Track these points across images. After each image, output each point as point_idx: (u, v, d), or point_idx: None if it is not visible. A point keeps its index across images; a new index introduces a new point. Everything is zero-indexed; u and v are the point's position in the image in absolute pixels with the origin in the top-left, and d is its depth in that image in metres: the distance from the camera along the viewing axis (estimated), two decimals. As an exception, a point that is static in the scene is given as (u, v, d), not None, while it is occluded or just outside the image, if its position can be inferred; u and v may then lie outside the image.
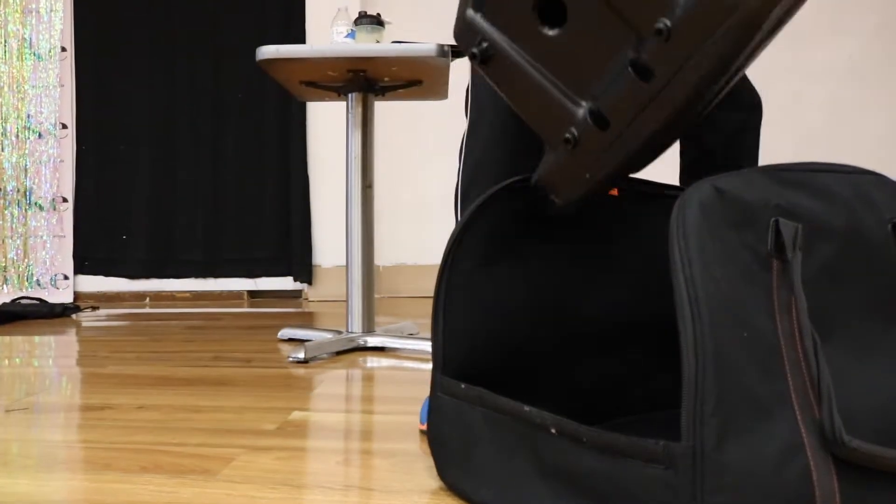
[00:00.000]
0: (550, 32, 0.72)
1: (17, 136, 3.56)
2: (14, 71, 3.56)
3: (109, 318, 2.87)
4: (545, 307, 0.90)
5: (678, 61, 0.64)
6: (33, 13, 3.56)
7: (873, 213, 0.72)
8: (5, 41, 3.57)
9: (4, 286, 3.52)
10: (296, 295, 3.57)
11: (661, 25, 0.63)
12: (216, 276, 3.56)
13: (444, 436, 0.84)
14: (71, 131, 3.56)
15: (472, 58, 0.79)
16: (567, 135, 0.74)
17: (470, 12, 0.79)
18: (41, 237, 3.55)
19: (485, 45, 0.77)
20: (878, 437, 0.61)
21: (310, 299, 3.51)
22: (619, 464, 0.63)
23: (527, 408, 0.72)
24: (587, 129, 0.72)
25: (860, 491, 0.60)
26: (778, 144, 3.36)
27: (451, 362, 0.83)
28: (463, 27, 0.80)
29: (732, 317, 0.60)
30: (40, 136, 3.56)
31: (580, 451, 0.66)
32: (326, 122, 3.46)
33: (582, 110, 0.73)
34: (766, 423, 0.59)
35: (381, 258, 3.47)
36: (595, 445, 0.65)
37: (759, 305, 0.62)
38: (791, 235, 0.64)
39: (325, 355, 1.78)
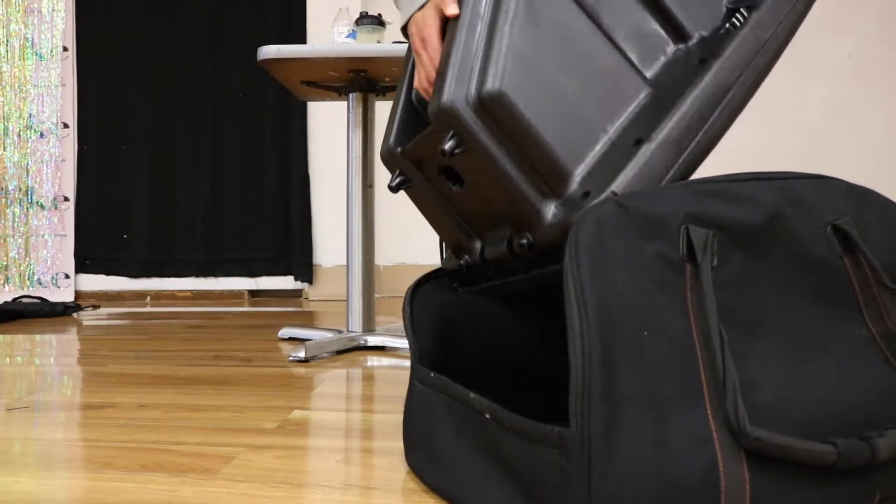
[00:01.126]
0: (454, 188, 0.83)
1: (19, 136, 3.57)
2: (16, 70, 3.57)
3: (110, 317, 2.87)
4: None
5: (534, 265, 0.77)
6: (35, 13, 3.56)
7: (808, 215, 0.72)
8: (7, 40, 3.57)
9: (6, 285, 3.53)
10: (296, 294, 3.58)
11: (524, 241, 0.75)
12: (217, 275, 3.57)
13: (412, 421, 0.89)
14: (72, 131, 3.57)
15: (389, 187, 0.91)
16: (462, 261, 0.89)
17: (391, 145, 0.90)
18: (42, 236, 3.55)
19: (400, 178, 0.90)
20: (807, 432, 0.63)
21: (310, 299, 3.51)
22: (531, 448, 0.66)
23: (472, 395, 0.76)
24: (476, 262, 0.86)
25: (774, 484, 0.62)
26: (778, 144, 3.37)
27: (425, 353, 0.91)
28: (386, 154, 0.91)
29: (629, 317, 0.62)
30: (42, 135, 3.56)
31: (506, 434, 0.70)
32: (327, 122, 3.47)
33: (476, 246, 0.86)
34: (668, 415, 0.61)
35: (382, 258, 3.47)
36: (514, 430, 0.68)
37: (671, 308, 0.64)
38: (701, 240, 0.66)
39: (325, 354, 1.78)
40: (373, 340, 1.90)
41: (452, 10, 0.82)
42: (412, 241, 3.50)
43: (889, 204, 0.77)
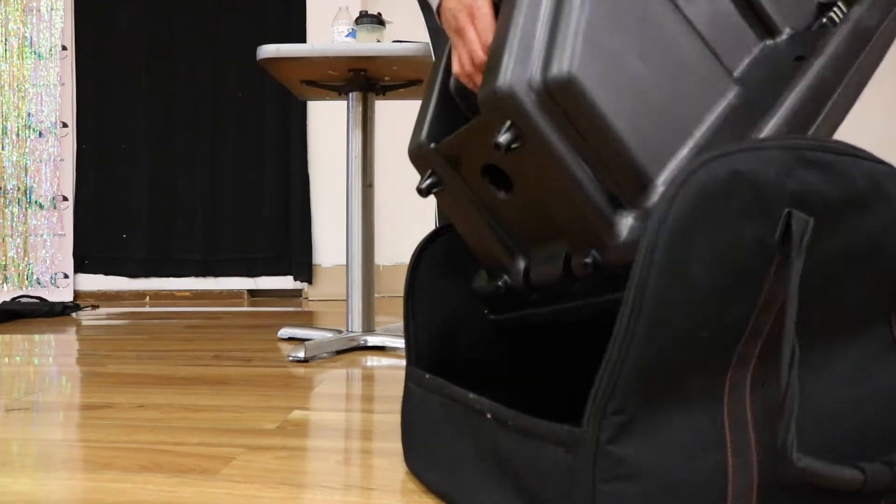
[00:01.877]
0: (500, 194, 0.72)
1: (18, 135, 3.56)
2: (15, 69, 3.56)
3: (109, 316, 2.87)
4: None
5: (594, 291, 0.68)
6: (34, 12, 3.55)
7: (885, 209, 0.66)
8: (6, 40, 3.57)
9: (4, 285, 3.52)
10: (296, 294, 3.57)
11: (588, 261, 0.66)
12: (216, 275, 3.56)
13: (410, 423, 0.88)
14: (71, 130, 3.56)
15: (418, 189, 0.80)
16: (500, 282, 0.78)
17: (423, 140, 0.78)
18: (41, 236, 3.55)
19: (432, 180, 0.79)
20: (829, 449, 0.61)
21: (310, 298, 3.51)
22: (535, 446, 0.64)
23: (471, 395, 0.74)
24: (517, 285, 0.76)
25: (784, 492, 0.60)
26: (778, 144, 3.36)
27: (421, 355, 0.89)
28: (415, 151, 0.80)
29: (695, 318, 0.58)
30: (41, 134, 3.56)
31: (507, 434, 0.68)
32: (327, 122, 3.46)
33: (519, 265, 0.76)
34: (685, 417, 0.59)
35: (381, 258, 3.47)
36: (517, 428, 0.66)
37: (742, 300, 0.59)
38: (800, 230, 0.59)
39: (325, 354, 1.78)
40: (372, 340, 1.89)
41: None
42: (412, 241, 3.50)
43: None
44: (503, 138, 0.64)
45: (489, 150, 0.68)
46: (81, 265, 3.57)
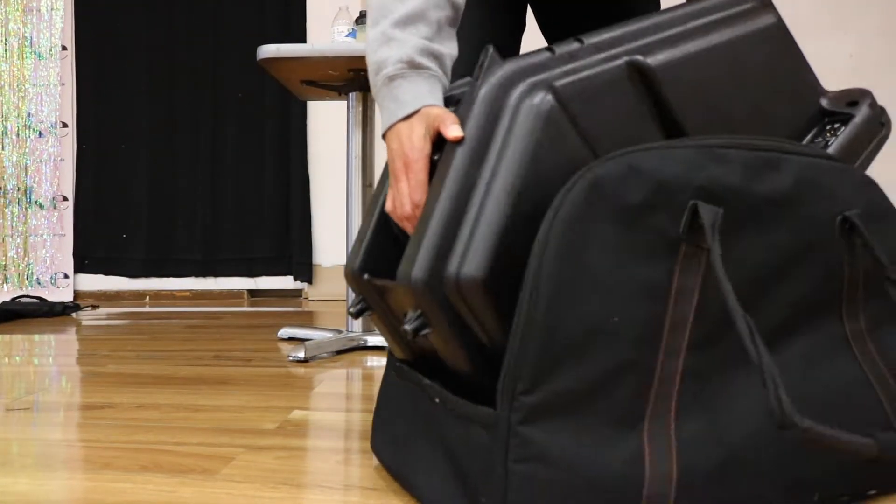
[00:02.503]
0: (420, 334, 0.74)
1: (18, 135, 3.56)
2: (15, 69, 3.56)
3: (109, 316, 2.87)
4: None
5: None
6: (34, 12, 3.55)
7: (822, 202, 0.70)
8: (6, 39, 3.57)
9: (4, 285, 3.52)
10: (296, 294, 3.57)
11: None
12: (216, 275, 3.56)
13: (381, 408, 0.91)
14: (71, 130, 3.56)
15: (348, 311, 0.86)
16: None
17: (356, 269, 0.83)
18: (41, 236, 3.55)
19: (362, 305, 0.84)
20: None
21: (310, 298, 3.50)
22: (467, 429, 0.66)
23: (425, 381, 0.77)
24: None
25: (705, 478, 0.62)
26: (778, 144, 3.36)
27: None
28: (350, 276, 0.84)
29: (596, 303, 0.60)
30: (41, 134, 3.56)
31: (448, 417, 0.70)
32: (327, 122, 3.46)
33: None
34: (601, 402, 0.61)
35: (382, 257, 3.46)
36: (456, 412, 0.69)
37: (651, 290, 0.62)
38: (710, 220, 0.62)
39: (325, 354, 1.78)
40: (372, 340, 1.89)
41: (454, 132, 0.68)
42: (412, 241, 3.50)
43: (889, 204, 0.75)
44: (410, 326, 0.69)
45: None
46: (81, 265, 3.57)
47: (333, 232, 3.47)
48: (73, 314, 2.95)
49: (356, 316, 0.85)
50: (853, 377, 0.71)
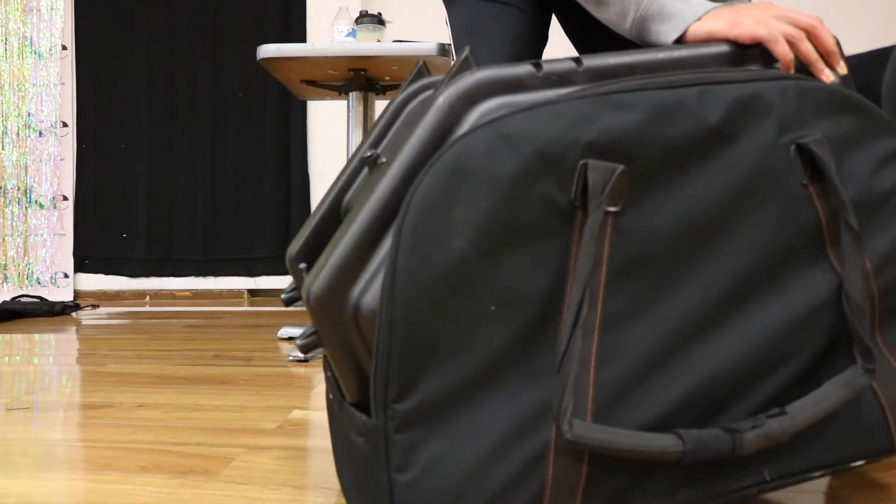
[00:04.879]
0: None
1: (18, 135, 3.56)
2: (15, 69, 3.56)
3: (109, 316, 2.87)
4: None
5: None
6: (34, 11, 3.55)
7: (763, 130, 0.59)
8: (6, 39, 3.56)
9: (4, 284, 3.52)
10: (296, 294, 3.57)
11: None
12: (216, 274, 3.56)
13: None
14: (71, 130, 3.56)
15: (282, 297, 0.79)
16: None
17: (294, 256, 0.76)
18: (41, 235, 3.55)
19: (294, 293, 0.79)
20: (689, 408, 0.56)
21: (310, 298, 3.50)
22: (358, 439, 0.61)
23: (331, 395, 0.73)
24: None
25: (617, 479, 0.55)
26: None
27: None
28: (289, 262, 0.79)
29: (468, 290, 0.53)
30: (41, 134, 3.56)
31: (346, 424, 0.65)
32: (327, 121, 3.46)
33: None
34: (493, 401, 0.54)
35: (382, 257, 3.46)
36: (348, 418, 0.63)
37: (541, 265, 0.54)
38: (601, 181, 0.54)
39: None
40: (373, 340, 1.89)
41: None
42: (412, 241, 3.49)
43: (880, 121, 0.63)
44: (301, 342, 0.65)
45: None
46: (81, 265, 3.57)
47: (333, 232, 3.47)
48: (73, 314, 2.95)
49: (287, 304, 0.79)
50: (833, 338, 0.62)
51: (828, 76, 0.69)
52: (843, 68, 0.70)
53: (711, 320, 0.58)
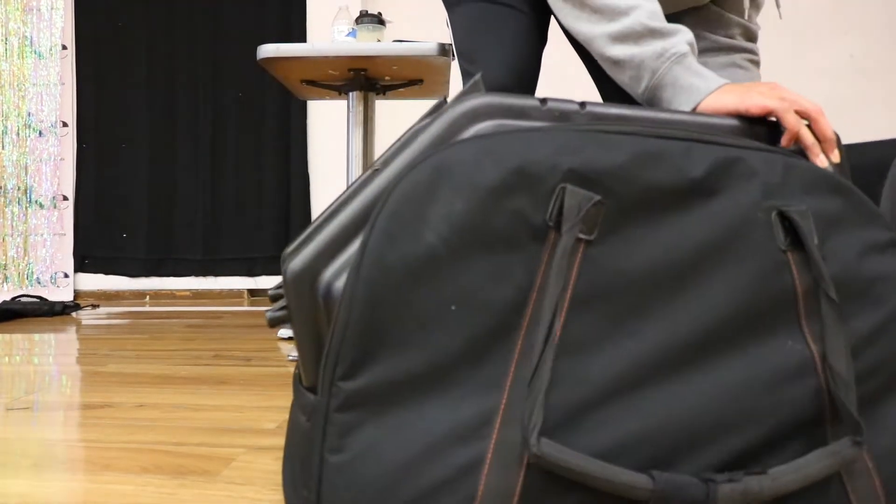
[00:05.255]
0: None
1: (18, 134, 3.56)
2: (15, 69, 3.56)
3: (109, 316, 2.87)
4: None
5: None
6: (34, 11, 3.55)
7: (746, 192, 0.60)
8: (6, 39, 3.56)
9: (4, 284, 3.52)
10: (296, 293, 3.57)
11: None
12: (216, 274, 3.56)
13: None
14: (71, 129, 3.56)
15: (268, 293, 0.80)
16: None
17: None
18: (41, 235, 3.55)
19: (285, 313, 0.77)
20: (650, 455, 0.55)
21: (310, 298, 3.50)
22: (299, 413, 0.62)
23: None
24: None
25: (548, 496, 0.55)
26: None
27: None
28: (282, 259, 0.79)
29: (428, 288, 0.54)
30: (41, 134, 3.56)
31: (302, 407, 0.64)
32: (327, 121, 3.46)
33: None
34: (436, 404, 0.54)
35: (382, 257, 3.46)
36: (300, 405, 0.64)
37: (507, 282, 0.55)
38: (576, 205, 0.56)
39: (325, 354, 1.77)
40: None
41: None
42: (412, 241, 3.49)
43: (867, 207, 0.64)
44: (271, 315, 0.65)
45: None
46: (81, 264, 3.56)
47: (333, 231, 3.46)
48: (73, 313, 2.95)
49: (273, 299, 0.79)
50: (804, 409, 0.59)
51: (822, 161, 0.70)
52: (836, 157, 0.72)
53: (671, 367, 0.57)
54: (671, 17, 0.91)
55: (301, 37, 3.44)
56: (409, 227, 0.55)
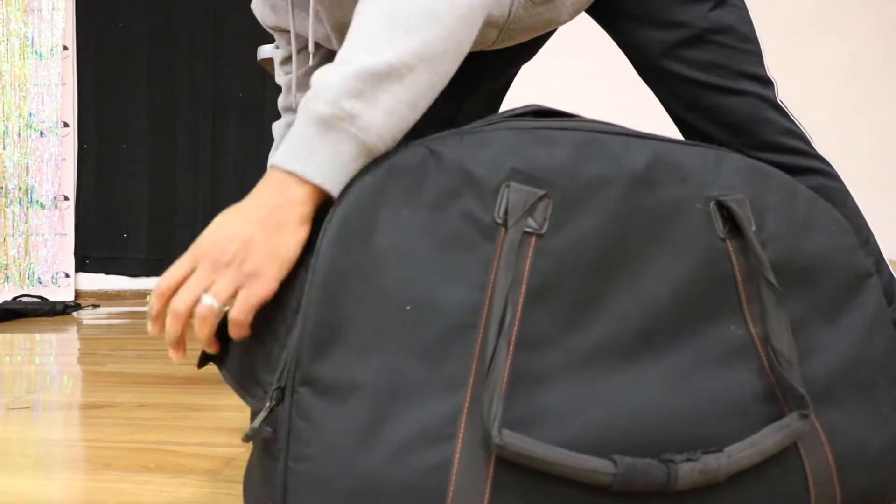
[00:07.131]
0: None
1: (19, 135, 3.56)
2: (16, 69, 3.56)
3: (110, 316, 2.87)
4: None
5: None
6: (35, 12, 3.56)
7: (685, 186, 0.62)
8: (7, 39, 3.57)
9: (6, 284, 3.53)
10: (296, 293, 3.58)
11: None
12: (217, 274, 3.56)
13: None
14: (72, 130, 3.57)
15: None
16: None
17: None
18: (42, 235, 3.55)
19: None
20: (608, 443, 0.56)
21: (310, 298, 3.51)
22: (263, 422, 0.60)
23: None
24: None
25: (527, 500, 0.54)
26: (779, 144, 3.36)
27: None
28: None
29: (381, 289, 0.55)
30: (42, 134, 3.56)
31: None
32: (327, 121, 3.46)
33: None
34: (400, 405, 0.54)
35: (382, 257, 3.46)
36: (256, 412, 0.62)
37: (461, 280, 0.56)
38: (521, 201, 0.57)
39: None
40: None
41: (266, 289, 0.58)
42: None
43: (797, 190, 0.66)
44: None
45: None
46: (82, 264, 3.57)
47: (334, 231, 3.47)
48: (74, 313, 2.95)
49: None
50: (753, 390, 0.61)
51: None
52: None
53: (623, 355, 0.59)
54: None
55: (301, 37, 3.44)
56: (358, 233, 0.55)
